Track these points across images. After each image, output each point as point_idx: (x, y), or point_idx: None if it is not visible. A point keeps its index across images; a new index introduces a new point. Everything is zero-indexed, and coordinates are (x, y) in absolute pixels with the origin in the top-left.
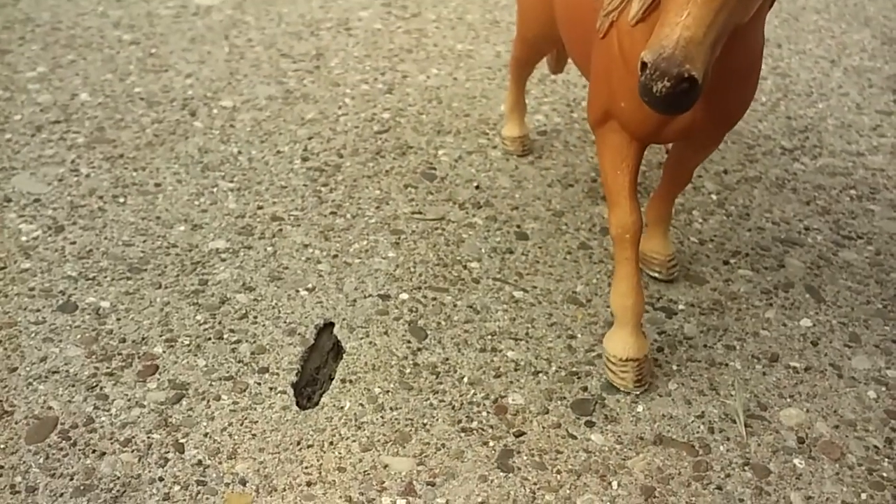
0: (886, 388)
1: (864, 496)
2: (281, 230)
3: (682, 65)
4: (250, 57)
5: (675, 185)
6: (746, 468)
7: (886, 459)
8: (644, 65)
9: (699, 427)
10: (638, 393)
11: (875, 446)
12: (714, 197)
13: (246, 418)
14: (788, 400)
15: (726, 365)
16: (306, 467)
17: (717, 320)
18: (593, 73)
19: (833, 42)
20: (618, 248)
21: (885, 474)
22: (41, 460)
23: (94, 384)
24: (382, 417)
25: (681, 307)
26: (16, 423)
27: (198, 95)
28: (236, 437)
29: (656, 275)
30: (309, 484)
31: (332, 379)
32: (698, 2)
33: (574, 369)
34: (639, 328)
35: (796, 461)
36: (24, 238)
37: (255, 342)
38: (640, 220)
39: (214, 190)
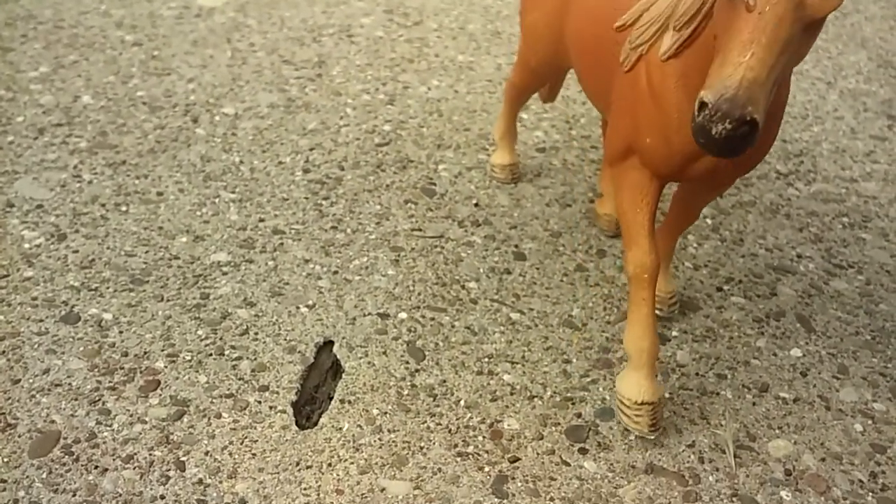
0: (873, 422)
1: None
2: (282, 244)
3: (745, 107)
4: (252, 62)
5: (682, 221)
6: (735, 499)
7: (871, 494)
8: (703, 105)
9: (689, 456)
10: (652, 437)
11: (860, 480)
12: (709, 221)
13: (246, 437)
14: (777, 431)
15: (717, 394)
16: (305, 488)
17: (709, 348)
18: (615, 108)
19: (830, 63)
20: (634, 288)
21: None
22: (44, 475)
23: (97, 398)
24: (380, 439)
25: (674, 333)
26: (19, 436)
27: (200, 101)
28: (236, 457)
29: (657, 312)
30: None
31: (331, 398)
32: (763, 42)
33: (569, 395)
34: (654, 371)
35: (783, 493)
36: (27, 245)
37: (255, 359)
38: (657, 260)
39: (216, 200)
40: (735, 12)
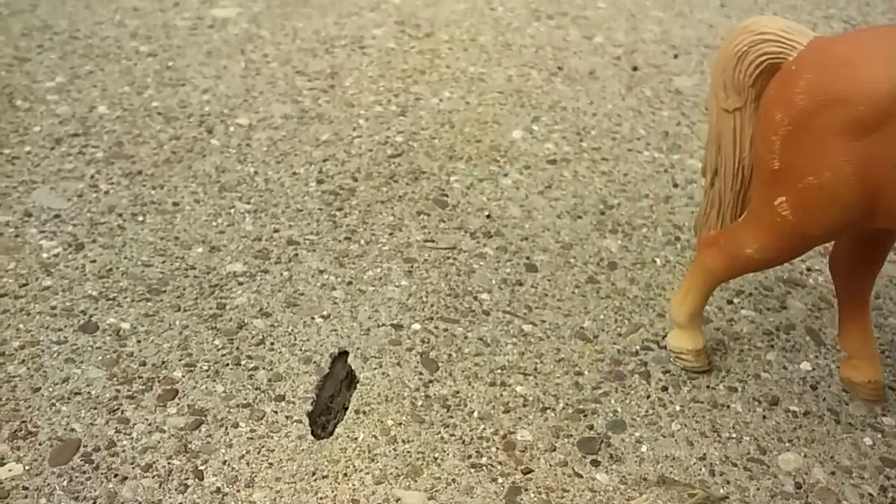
0: (882, 435)
1: None
2: (297, 255)
3: None
4: (266, 73)
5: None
6: None
7: None
8: None
9: (700, 469)
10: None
11: (870, 494)
12: None
13: (263, 447)
14: (787, 444)
15: (728, 407)
16: (321, 498)
17: (719, 361)
18: None
19: None
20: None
21: None
22: (65, 483)
23: (116, 407)
24: (395, 450)
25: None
26: (40, 444)
27: (214, 112)
28: (254, 466)
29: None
30: None
31: (346, 409)
32: None
33: (581, 406)
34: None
35: None
36: (45, 255)
37: (271, 369)
38: None
39: (231, 211)
40: None
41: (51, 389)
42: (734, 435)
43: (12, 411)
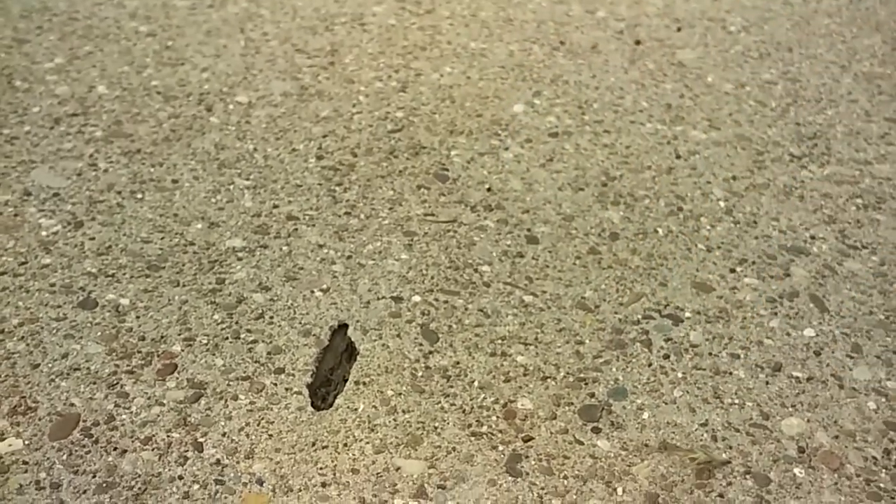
0: (886, 400)
1: None
2: (296, 230)
3: None
4: (265, 52)
5: None
6: (748, 477)
7: (884, 470)
8: None
9: (703, 434)
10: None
11: (873, 457)
12: (722, 204)
13: (263, 418)
14: (790, 409)
15: (730, 373)
16: (321, 468)
17: (722, 328)
18: None
19: (844, 47)
20: None
21: (882, 485)
22: (64, 457)
23: (115, 382)
24: (395, 420)
25: (687, 315)
26: (39, 419)
27: (214, 90)
28: (253, 437)
29: None
30: (324, 485)
31: (345, 380)
32: None
33: (582, 375)
34: None
35: (796, 470)
36: (44, 233)
37: (270, 342)
38: None
39: (231, 188)
40: None
41: (50, 365)
42: (737, 401)
43: (12, 387)
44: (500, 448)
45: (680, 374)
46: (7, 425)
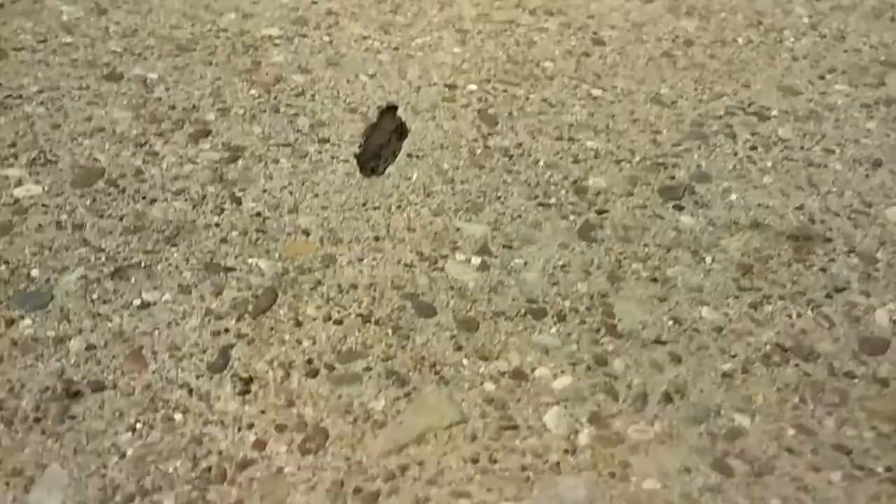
0: None
1: None
2: (337, 23)
3: None
4: None
5: None
6: (852, 255)
7: None
8: None
9: (799, 216)
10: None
11: None
12: (805, 20)
13: (307, 180)
14: (894, 199)
15: (825, 166)
16: (373, 225)
17: (813, 127)
18: None
19: None
20: None
21: None
22: (88, 202)
23: (143, 142)
24: (453, 189)
25: (774, 113)
26: (60, 170)
27: None
28: (297, 195)
29: None
30: (377, 239)
31: (396, 155)
32: None
33: (660, 161)
34: None
35: None
36: (65, 17)
37: (314, 116)
38: None
39: None
40: None
41: (72, 126)
42: (834, 189)
43: (30, 142)
44: (572, 217)
45: (769, 164)
46: (25, 174)
